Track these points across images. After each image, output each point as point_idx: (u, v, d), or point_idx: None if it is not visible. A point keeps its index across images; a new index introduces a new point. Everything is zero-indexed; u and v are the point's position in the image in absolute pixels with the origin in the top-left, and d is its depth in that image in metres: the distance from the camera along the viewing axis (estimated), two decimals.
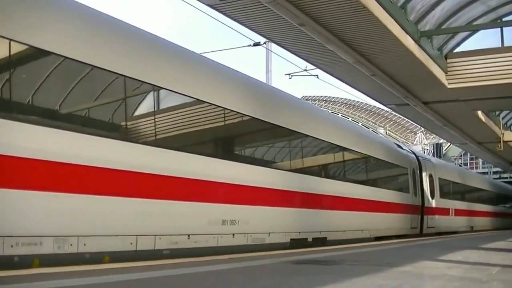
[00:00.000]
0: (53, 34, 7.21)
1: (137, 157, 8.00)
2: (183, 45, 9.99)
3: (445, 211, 22.54)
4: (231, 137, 10.75)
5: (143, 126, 8.53)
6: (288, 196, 11.46)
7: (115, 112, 8.11)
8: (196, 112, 9.56)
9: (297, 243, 11.57)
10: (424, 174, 20.82)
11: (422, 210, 20.26)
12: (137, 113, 8.52)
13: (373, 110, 62.32)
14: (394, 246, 12.19)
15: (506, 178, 51.90)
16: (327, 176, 13.83)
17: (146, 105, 8.62)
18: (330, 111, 32.91)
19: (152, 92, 8.61)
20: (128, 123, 8.19)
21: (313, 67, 18.69)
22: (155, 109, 8.68)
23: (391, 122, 62.39)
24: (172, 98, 9.03)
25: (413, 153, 21.44)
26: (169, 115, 9.16)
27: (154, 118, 8.56)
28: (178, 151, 8.76)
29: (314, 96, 63.72)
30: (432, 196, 21.33)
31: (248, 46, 21.24)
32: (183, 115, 9.38)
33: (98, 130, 7.68)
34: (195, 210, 8.94)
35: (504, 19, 16.98)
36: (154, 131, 8.54)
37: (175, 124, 9.27)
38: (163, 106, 9.07)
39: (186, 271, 5.89)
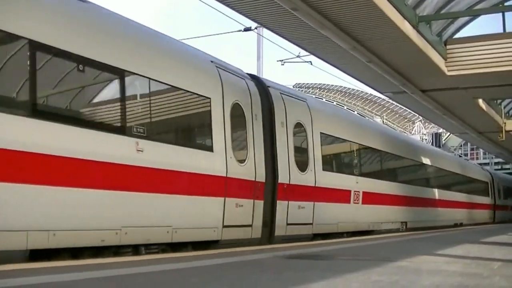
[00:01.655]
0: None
1: None
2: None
3: (505, 208, 34.87)
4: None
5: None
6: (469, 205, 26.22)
7: None
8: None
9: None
10: (494, 183, 32.36)
11: (494, 207, 32.01)
12: None
13: (369, 98, 62.31)
14: (391, 240, 12.05)
15: (508, 169, 51.87)
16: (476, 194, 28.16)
17: None
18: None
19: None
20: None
21: (306, 53, 18.51)
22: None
23: (388, 111, 62.36)
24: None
25: (488, 170, 34.76)
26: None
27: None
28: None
29: (308, 84, 63.34)
30: (499, 198, 33.23)
31: (239, 31, 21.02)
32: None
33: None
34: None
35: (506, 4, 16.84)
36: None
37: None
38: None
39: (177, 267, 5.76)
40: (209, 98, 9.27)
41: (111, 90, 7.80)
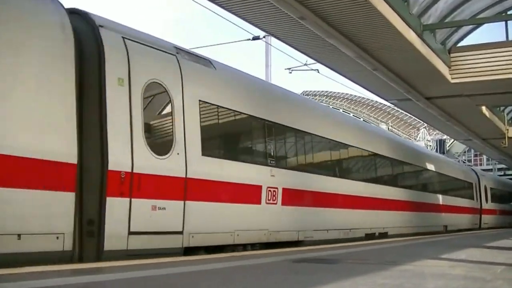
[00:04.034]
0: None
1: None
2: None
3: None
4: None
5: None
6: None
7: None
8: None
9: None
10: None
11: None
12: None
13: (375, 105, 62.28)
14: (397, 244, 12.13)
15: (511, 175, 51.67)
16: None
17: None
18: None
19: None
20: None
21: (313, 61, 18.56)
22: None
23: (394, 118, 62.30)
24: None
25: None
26: None
27: None
28: None
29: (315, 91, 63.48)
30: None
31: (247, 40, 21.12)
32: None
33: None
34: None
35: (509, 12, 16.81)
36: None
37: None
38: None
39: (187, 270, 5.84)
40: (472, 183, 27.71)
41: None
